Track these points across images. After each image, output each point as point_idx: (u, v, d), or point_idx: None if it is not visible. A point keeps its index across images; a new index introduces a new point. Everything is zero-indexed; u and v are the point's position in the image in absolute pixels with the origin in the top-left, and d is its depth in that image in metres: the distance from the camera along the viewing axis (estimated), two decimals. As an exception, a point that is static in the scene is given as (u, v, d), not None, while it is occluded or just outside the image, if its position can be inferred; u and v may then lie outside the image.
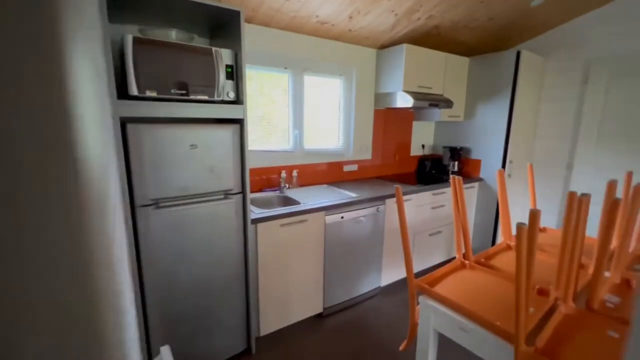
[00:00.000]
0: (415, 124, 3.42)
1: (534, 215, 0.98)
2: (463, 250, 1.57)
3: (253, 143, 2.40)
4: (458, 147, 3.23)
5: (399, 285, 2.74)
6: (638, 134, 2.60)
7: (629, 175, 1.73)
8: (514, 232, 1.83)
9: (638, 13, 2.54)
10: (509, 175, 3.02)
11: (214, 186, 1.64)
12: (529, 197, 3.28)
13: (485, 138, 3.12)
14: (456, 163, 3.23)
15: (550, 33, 3.04)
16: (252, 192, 2.38)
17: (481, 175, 3.17)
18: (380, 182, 2.88)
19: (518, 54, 2.82)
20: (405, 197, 2.57)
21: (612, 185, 1.39)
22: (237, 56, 1.64)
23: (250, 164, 2.37)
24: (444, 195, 2.89)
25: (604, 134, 2.78)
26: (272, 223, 1.89)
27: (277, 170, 2.53)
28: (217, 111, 1.60)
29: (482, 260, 1.54)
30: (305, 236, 2.05)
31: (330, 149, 2.85)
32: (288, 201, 2.30)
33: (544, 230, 2.03)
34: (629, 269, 1.45)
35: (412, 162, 3.50)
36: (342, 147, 2.93)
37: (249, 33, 2.22)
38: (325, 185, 2.70)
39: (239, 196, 1.73)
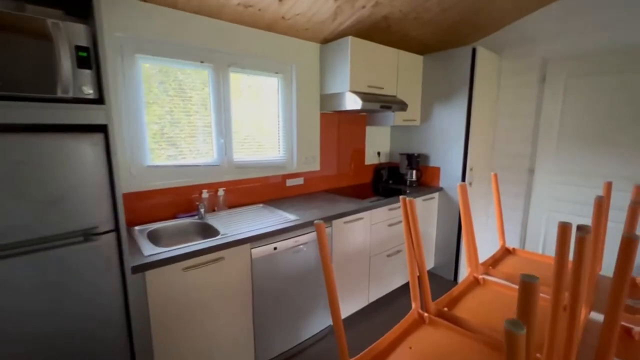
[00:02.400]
0: (368, 129, 3.07)
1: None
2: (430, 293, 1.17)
3: (160, 157, 1.88)
4: (415, 154, 2.92)
5: (357, 318, 2.33)
6: (597, 136, 2.43)
7: (608, 185, 1.46)
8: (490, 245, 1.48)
9: (590, 9, 2.38)
10: (470, 184, 2.75)
11: (64, 225, 1.10)
12: (493, 208, 3.05)
13: (443, 143, 2.83)
14: (414, 172, 2.91)
15: (506, 30, 2.84)
16: (159, 220, 1.84)
17: (441, 184, 2.88)
18: (330, 198, 2.46)
19: (474, 51, 2.57)
20: (356, 216, 2.17)
21: (600, 204, 1.07)
22: (94, 35, 1.13)
23: (159, 182, 1.84)
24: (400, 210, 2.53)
25: (564, 136, 2.59)
26: (171, 268, 1.38)
27: (198, 189, 2.02)
28: (60, 114, 1.07)
29: (445, 309, 1.15)
30: (223, 278, 1.55)
31: (269, 161, 2.38)
32: (207, 231, 1.79)
33: (513, 252, 1.72)
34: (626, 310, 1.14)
35: (367, 171, 3.14)
36: (283, 158, 2.48)
37: (148, 15, 1.72)
38: (261, 206, 2.22)
39: (110, 236, 1.20)
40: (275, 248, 1.73)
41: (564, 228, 0.81)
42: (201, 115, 2.03)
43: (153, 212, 1.87)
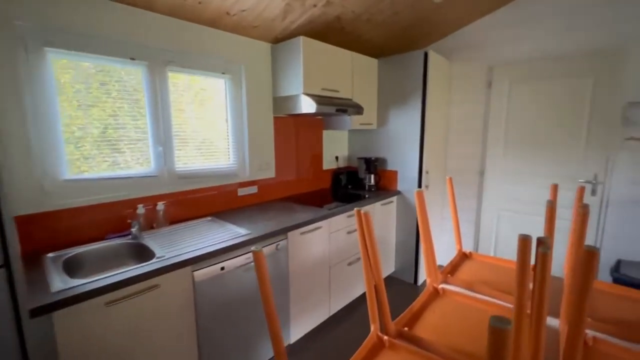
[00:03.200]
0: (325, 133, 2.98)
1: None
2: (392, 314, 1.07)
3: (97, 167, 1.60)
4: (373, 158, 2.88)
5: (319, 333, 2.20)
6: (539, 139, 2.57)
7: (554, 187, 1.49)
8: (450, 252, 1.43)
9: (527, 20, 2.52)
10: (426, 187, 2.77)
11: None
12: (449, 209, 3.11)
13: (400, 147, 2.83)
14: (372, 176, 2.87)
15: (456, 35, 2.92)
16: (84, 243, 1.57)
17: (399, 188, 2.87)
18: (286, 207, 2.32)
19: (425, 55, 2.59)
20: (314, 226, 2.05)
21: (552, 209, 1.06)
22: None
23: (81, 199, 1.57)
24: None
25: (511, 138, 2.71)
26: (88, 304, 1.14)
27: (132, 204, 1.77)
28: None
29: (406, 329, 1.07)
30: (158, 309, 1.34)
31: (217, 169, 2.18)
32: (141, 253, 1.56)
33: (469, 256, 1.71)
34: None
35: (325, 176, 3.04)
36: (234, 166, 2.29)
37: (59, 1, 1.45)
38: (209, 219, 2.01)
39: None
40: (222, 268, 1.55)
41: (524, 241, 0.75)
42: (134, 119, 1.78)
43: (75, 233, 1.59)
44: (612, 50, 2.22)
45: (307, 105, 2.17)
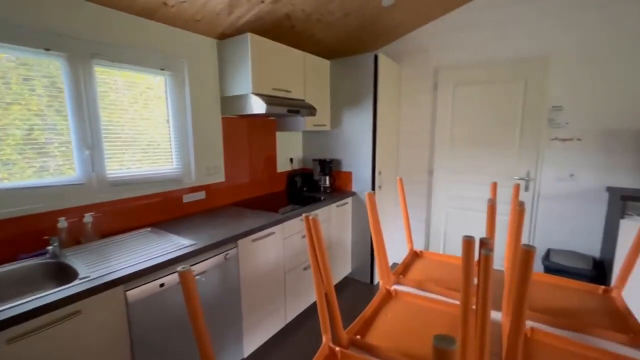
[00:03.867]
0: (279, 134, 2.90)
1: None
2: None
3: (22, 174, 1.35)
4: (328, 160, 2.86)
5: (271, 346, 2.11)
6: (481, 139, 2.74)
7: (494, 185, 1.57)
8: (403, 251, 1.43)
9: (467, 28, 2.68)
10: (380, 187, 2.82)
11: None
12: (400, 209, 3.20)
13: (353, 148, 2.84)
14: (327, 178, 2.85)
15: (404, 39, 3.02)
16: (-17, 266, 1.31)
17: (353, 189, 2.88)
18: (238, 212, 2.19)
19: (376, 58, 2.63)
20: (266, 232, 1.95)
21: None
22: None
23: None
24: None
25: (456, 139, 2.87)
26: (-16, 342, 0.94)
27: (53, 217, 1.53)
28: None
29: (358, 337, 1.03)
30: (80, 340, 1.16)
31: (159, 174, 1.99)
32: (62, 273, 1.35)
33: (420, 255, 1.74)
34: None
35: (280, 179, 2.96)
36: (178, 170, 2.11)
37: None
38: (148, 230, 1.82)
39: None
40: (162, 285, 1.40)
41: (468, 243, 0.75)
42: (66, 119, 1.55)
43: (-26, 255, 1.32)
44: (538, 58, 2.44)
45: (257, 106, 2.07)
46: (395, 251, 3.21)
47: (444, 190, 2.97)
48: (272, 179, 2.88)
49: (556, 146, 2.44)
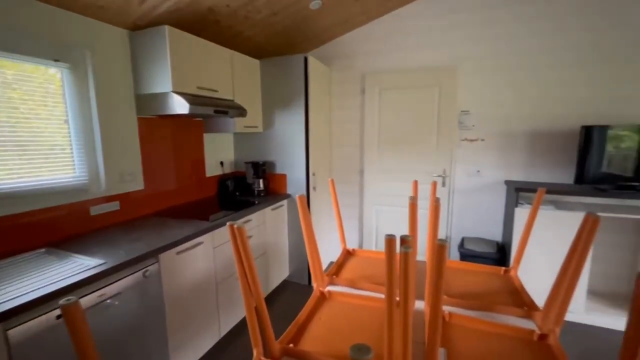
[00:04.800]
0: (207, 136, 2.72)
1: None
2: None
3: None
4: (261, 162, 2.79)
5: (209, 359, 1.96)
6: (404, 140, 2.96)
7: (415, 183, 1.70)
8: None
9: (392, 34, 2.87)
10: (314, 188, 2.84)
11: None
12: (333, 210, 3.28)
13: (287, 150, 2.82)
14: (261, 181, 2.77)
15: (334, 43, 3.10)
16: None
17: (288, 191, 2.86)
18: (160, 223, 1.98)
19: (306, 60, 2.65)
20: (193, 242, 1.80)
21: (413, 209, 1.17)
22: None
23: None
24: (249, 224, 2.33)
25: (383, 140, 3.05)
26: None
27: None
28: None
29: (291, 346, 1.01)
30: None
31: (56, 184, 1.68)
32: None
33: (353, 253, 1.80)
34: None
35: (210, 184, 2.78)
36: (82, 179, 1.82)
37: None
38: (42, 251, 1.53)
39: None
40: (59, 316, 1.17)
41: (390, 241, 0.78)
42: None
43: None
44: (449, 67, 2.73)
45: (180, 105, 1.90)
46: (333, 251, 3.27)
47: (374, 188, 3.14)
48: (201, 184, 2.68)
49: (465, 146, 2.77)
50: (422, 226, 2.78)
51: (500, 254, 2.53)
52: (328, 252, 3.25)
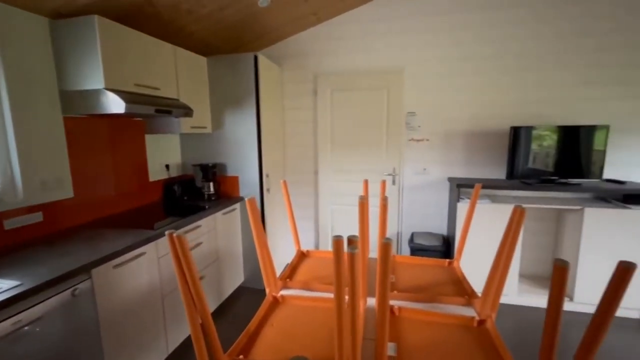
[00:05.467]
0: (149, 138, 2.52)
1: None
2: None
3: None
4: (210, 165, 2.65)
5: (151, 383, 1.80)
6: (356, 140, 3.03)
7: (365, 182, 1.73)
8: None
9: (342, 36, 2.92)
10: (268, 190, 2.79)
11: None
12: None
13: (238, 151, 2.72)
14: (211, 184, 2.64)
15: (285, 43, 3.06)
16: None
17: (241, 193, 2.76)
18: (94, 234, 1.78)
19: (256, 59, 2.58)
20: (134, 253, 1.65)
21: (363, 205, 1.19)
22: None
23: None
24: (199, 230, 2.20)
25: (335, 141, 3.08)
26: None
27: None
28: None
29: (241, 357, 0.96)
30: None
31: (-45, 195, 1.43)
32: None
33: (307, 254, 1.79)
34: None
35: (154, 189, 2.58)
36: (-7, 187, 1.57)
37: None
38: (-63, 275, 1.29)
39: None
40: (-41, 352, 0.99)
41: (337, 243, 0.77)
42: None
43: None
44: (396, 69, 2.85)
45: (115, 104, 1.73)
46: (290, 253, 3.24)
47: (329, 188, 3.17)
48: (144, 190, 2.48)
49: (412, 146, 2.91)
50: (376, 224, 2.87)
51: (446, 247, 2.70)
52: (285, 254, 3.21)
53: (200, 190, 2.69)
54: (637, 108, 2.48)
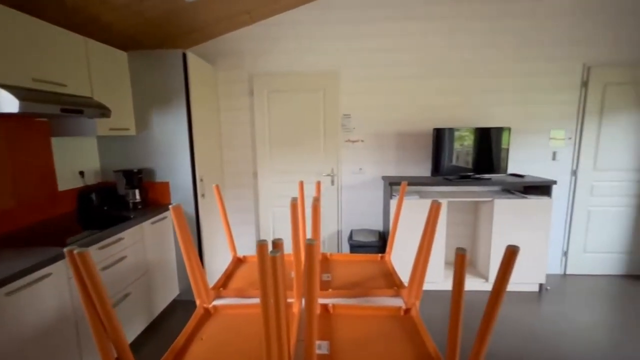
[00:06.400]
0: (57, 141, 2.20)
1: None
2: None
3: None
4: (135, 170, 2.42)
5: (65, 422, 1.57)
6: (294, 141, 3.04)
7: (301, 184, 1.74)
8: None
9: (278, 38, 2.90)
10: (203, 195, 2.64)
11: None
12: (230, 216, 3.12)
13: (169, 155, 2.53)
14: (137, 191, 2.41)
15: (219, 41, 2.94)
16: None
17: (172, 200, 2.57)
18: (-20, 256, 1.49)
19: (184, 56, 2.42)
20: (35, 276, 1.42)
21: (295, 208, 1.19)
22: None
23: None
24: (123, 243, 1.99)
25: (274, 142, 3.05)
26: None
27: None
28: None
29: (165, 378, 0.89)
30: None
31: None
32: None
33: (244, 260, 1.73)
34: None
35: (65, 199, 2.26)
36: None
37: None
38: None
39: None
40: None
41: (261, 247, 0.76)
42: None
43: None
44: (331, 72, 2.92)
45: (5, 102, 1.47)
46: (229, 260, 3.11)
47: (269, 190, 3.12)
48: (53, 200, 2.16)
49: (348, 146, 3.03)
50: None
51: (382, 242, 2.85)
52: (225, 262, 3.08)
53: (124, 199, 2.43)
54: (530, 112, 2.91)
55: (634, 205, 2.95)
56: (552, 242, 3.05)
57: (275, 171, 3.09)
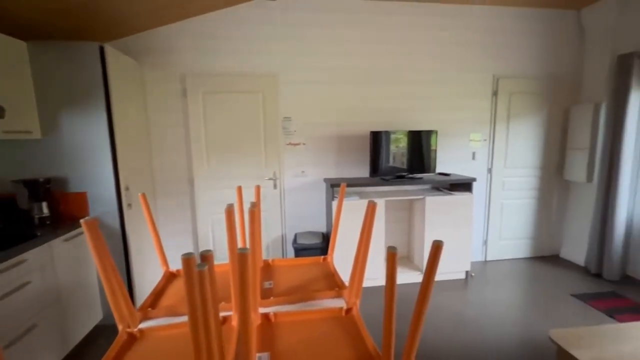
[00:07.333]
0: None
1: None
2: None
3: None
4: (42, 180, 2.08)
5: None
6: (233, 146, 2.92)
7: (239, 189, 1.67)
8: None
9: (214, 37, 2.76)
10: (130, 206, 2.38)
11: None
12: (160, 227, 2.86)
13: (85, 161, 2.22)
14: (43, 204, 2.07)
15: (145, 36, 2.69)
16: None
17: (92, 213, 2.27)
18: None
19: (102, 50, 2.16)
20: None
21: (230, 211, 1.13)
22: None
23: None
24: (24, 266, 1.68)
25: (211, 147, 2.89)
26: None
27: None
28: None
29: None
30: None
31: None
32: None
33: (178, 274, 1.59)
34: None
35: (-57, 218, 1.84)
36: None
37: None
38: None
39: None
40: None
41: (187, 261, 0.69)
42: None
43: None
44: (270, 74, 2.88)
45: None
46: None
47: (207, 198, 2.95)
48: None
49: (290, 149, 3.01)
50: (262, 229, 2.82)
51: (326, 243, 2.88)
52: (158, 278, 2.81)
53: (27, 214, 2.07)
54: (453, 117, 3.23)
55: (536, 197, 3.46)
56: (474, 232, 3.40)
57: (213, 177, 2.93)
